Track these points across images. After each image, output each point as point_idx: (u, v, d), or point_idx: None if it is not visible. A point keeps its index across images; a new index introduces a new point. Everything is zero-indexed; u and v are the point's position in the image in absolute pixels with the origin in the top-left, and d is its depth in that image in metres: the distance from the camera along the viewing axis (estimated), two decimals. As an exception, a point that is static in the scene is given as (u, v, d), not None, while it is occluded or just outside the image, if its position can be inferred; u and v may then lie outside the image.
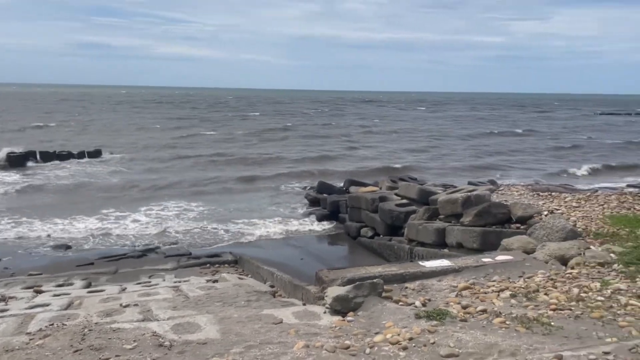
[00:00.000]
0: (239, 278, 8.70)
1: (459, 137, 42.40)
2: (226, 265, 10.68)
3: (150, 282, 8.85)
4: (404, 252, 10.22)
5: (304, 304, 5.70)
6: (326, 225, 14.60)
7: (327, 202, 15.45)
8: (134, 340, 4.10)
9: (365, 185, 15.90)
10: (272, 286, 7.57)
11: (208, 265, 10.59)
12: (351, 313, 4.88)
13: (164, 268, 10.46)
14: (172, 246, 12.53)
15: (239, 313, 5.05)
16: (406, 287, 5.83)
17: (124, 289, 7.82)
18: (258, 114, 69.62)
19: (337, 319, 4.75)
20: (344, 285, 5.47)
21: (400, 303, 5.19)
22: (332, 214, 15.07)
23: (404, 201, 12.24)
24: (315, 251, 12.25)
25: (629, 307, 4.64)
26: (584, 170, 25.21)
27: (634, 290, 5.08)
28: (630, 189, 13.89)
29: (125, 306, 5.84)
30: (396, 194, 12.98)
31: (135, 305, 5.89)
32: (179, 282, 8.46)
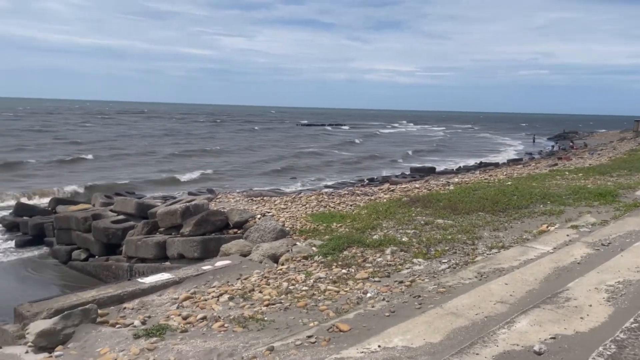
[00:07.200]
0: None
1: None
2: None
3: None
4: (123, 270, 9.66)
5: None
6: (29, 252, 12.71)
7: (28, 225, 13.49)
8: None
9: (74, 203, 14.45)
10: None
11: None
12: (60, 347, 4.36)
13: None
14: None
15: None
16: (124, 308, 5.54)
17: None
18: None
19: (42, 356, 4.19)
20: (50, 317, 4.87)
21: (118, 325, 4.90)
22: (36, 239, 13.22)
23: (121, 217, 11.57)
24: (16, 284, 10.55)
25: (327, 292, 5.35)
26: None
27: (330, 277, 5.89)
28: (326, 190, 16.12)
29: None
30: (112, 210, 12.17)
31: None
32: None
